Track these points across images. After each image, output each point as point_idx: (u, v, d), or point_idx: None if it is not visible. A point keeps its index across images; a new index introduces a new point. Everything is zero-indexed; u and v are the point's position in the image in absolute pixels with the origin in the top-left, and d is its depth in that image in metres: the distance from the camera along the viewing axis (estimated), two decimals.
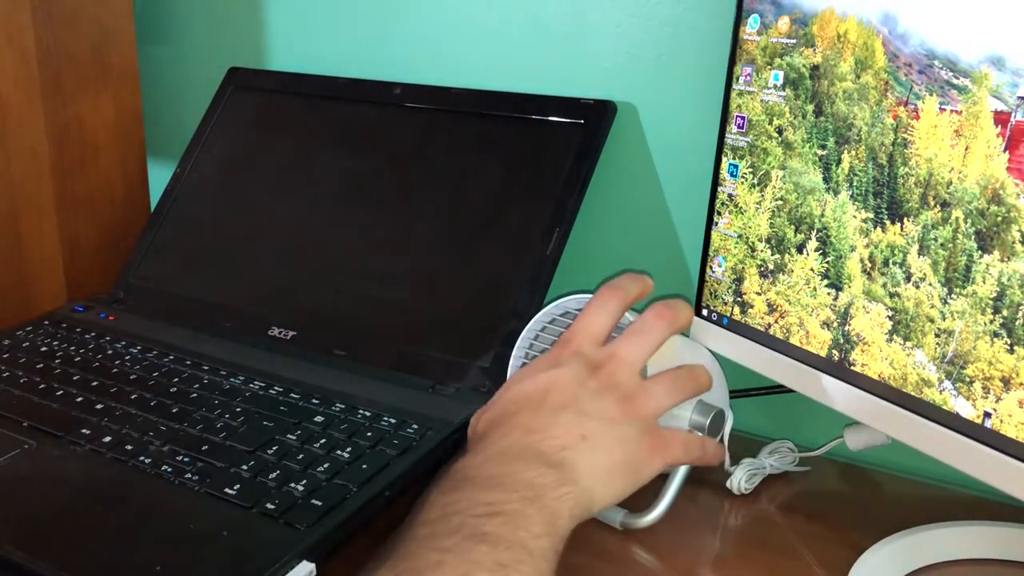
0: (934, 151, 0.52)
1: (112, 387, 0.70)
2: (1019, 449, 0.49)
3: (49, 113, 0.85)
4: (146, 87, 0.95)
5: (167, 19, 1.01)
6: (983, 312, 0.50)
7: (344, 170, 0.84)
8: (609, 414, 0.52)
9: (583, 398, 0.52)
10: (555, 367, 0.54)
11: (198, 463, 0.60)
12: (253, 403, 0.67)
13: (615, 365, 0.54)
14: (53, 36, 0.84)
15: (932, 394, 0.53)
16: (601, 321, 0.57)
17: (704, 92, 0.74)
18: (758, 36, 0.62)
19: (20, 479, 0.60)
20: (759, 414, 0.78)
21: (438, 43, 0.87)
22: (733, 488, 0.67)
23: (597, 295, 0.58)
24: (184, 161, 0.91)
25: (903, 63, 0.53)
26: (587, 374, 0.53)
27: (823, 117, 0.58)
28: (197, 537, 0.54)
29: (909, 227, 0.54)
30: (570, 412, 0.51)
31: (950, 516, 0.62)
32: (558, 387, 0.53)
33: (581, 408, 0.52)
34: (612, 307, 0.58)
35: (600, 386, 0.53)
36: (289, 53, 0.96)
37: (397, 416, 0.65)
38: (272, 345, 0.77)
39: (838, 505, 0.68)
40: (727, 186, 0.66)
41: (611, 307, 0.58)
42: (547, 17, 0.81)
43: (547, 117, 0.78)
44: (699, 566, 0.60)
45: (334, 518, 0.55)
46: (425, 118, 0.83)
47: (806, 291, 0.60)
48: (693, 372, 0.59)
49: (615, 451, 0.52)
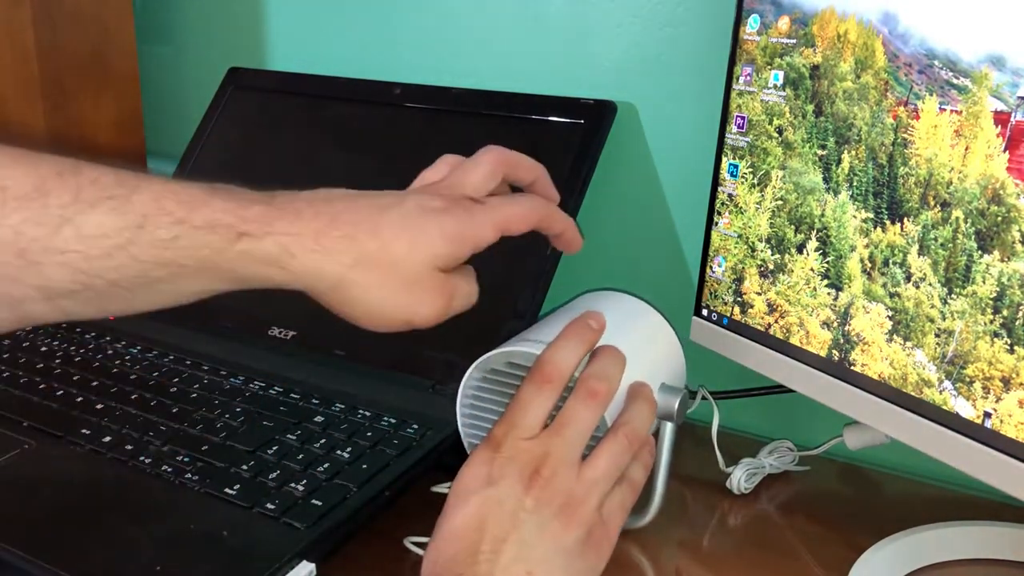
0: (934, 151, 0.52)
1: (112, 387, 0.70)
2: (1019, 449, 0.49)
3: (49, 113, 0.85)
4: (146, 87, 0.95)
5: (167, 19, 1.01)
6: (983, 312, 0.50)
7: (344, 170, 0.84)
8: (552, 533, 0.49)
9: (523, 523, 0.48)
10: (488, 484, 0.49)
11: (198, 463, 0.60)
12: (253, 403, 0.67)
13: (551, 468, 0.49)
14: (53, 36, 0.84)
15: (932, 394, 0.53)
16: (533, 413, 0.51)
17: (704, 92, 0.74)
18: (758, 36, 0.62)
19: (20, 479, 0.60)
20: (759, 414, 0.78)
21: (438, 43, 0.87)
22: (733, 488, 0.67)
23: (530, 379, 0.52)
24: (184, 161, 0.91)
25: (903, 63, 0.53)
26: (523, 489, 0.49)
27: (823, 117, 0.58)
28: (197, 537, 0.54)
29: (909, 227, 0.54)
30: (511, 546, 0.47)
31: (950, 516, 0.62)
32: (494, 515, 0.48)
33: (522, 537, 0.48)
34: (546, 394, 0.52)
35: (538, 501, 0.49)
36: (289, 53, 0.96)
37: (397, 416, 0.65)
38: (272, 345, 0.77)
39: (838, 505, 0.68)
40: (727, 186, 0.66)
41: (545, 394, 0.52)
42: (547, 17, 0.81)
43: (547, 117, 0.78)
44: (698, 566, 0.60)
45: (334, 518, 0.55)
46: (425, 118, 0.83)
47: (806, 291, 0.60)
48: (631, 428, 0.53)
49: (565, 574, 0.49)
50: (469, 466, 0.50)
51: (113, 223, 0.43)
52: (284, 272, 0.47)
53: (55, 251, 0.42)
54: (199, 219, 0.45)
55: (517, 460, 0.50)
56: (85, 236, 0.43)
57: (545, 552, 0.48)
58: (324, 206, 0.48)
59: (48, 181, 0.43)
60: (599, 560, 0.51)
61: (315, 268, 0.47)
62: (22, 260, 0.42)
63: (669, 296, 0.72)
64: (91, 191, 0.43)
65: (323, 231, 0.47)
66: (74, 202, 0.43)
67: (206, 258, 0.45)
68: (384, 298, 0.48)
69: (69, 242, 0.42)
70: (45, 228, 0.42)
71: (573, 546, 0.49)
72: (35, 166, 0.43)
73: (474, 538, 0.48)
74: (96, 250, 0.43)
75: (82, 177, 0.43)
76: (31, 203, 0.42)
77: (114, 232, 0.43)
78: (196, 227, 0.45)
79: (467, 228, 0.50)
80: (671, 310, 0.64)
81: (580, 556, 0.50)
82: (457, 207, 0.50)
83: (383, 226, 0.48)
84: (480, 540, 0.47)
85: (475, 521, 0.48)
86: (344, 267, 0.47)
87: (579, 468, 0.51)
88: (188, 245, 0.45)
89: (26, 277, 0.42)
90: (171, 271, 0.45)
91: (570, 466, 0.51)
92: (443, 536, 0.49)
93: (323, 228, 0.47)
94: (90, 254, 0.43)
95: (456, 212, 0.50)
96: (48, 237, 0.42)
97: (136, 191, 0.44)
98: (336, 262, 0.47)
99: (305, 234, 0.47)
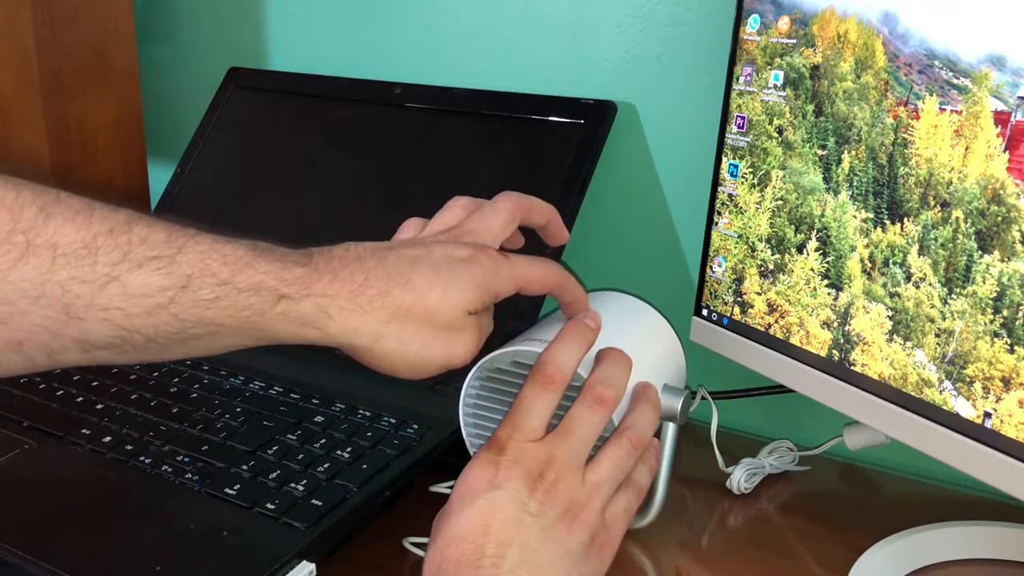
0: (934, 151, 0.52)
1: (112, 387, 0.70)
2: (1019, 449, 0.49)
3: (49, 113, 0.85)
4: (146, 87, 0.95)
5: (167, 19, 1.01)
6: (983, 312, 0.50)
7: (344, 170, 0.84)
8: (556, 538, 0.49)
9: (527, 526, 0.48)
10: (493, 487, 0.49)
11: (198, 463, 0.60)
12: (253, 403, 0.67)
13: (556, 473, 0.50)
14: (53, 36, 0.84)
15: (932, 394, 0.53)
16: (536, 415, 0.51)
17: (704, 92, 0.74)
18: (758, 36, 0.62)
19: (20, 479, 0.60)
20: (759, 414, 0.78)
21: (438, 43, 0.87)
22: (733, 488, 0.67)
23: (532, 381, 0.52)
24: (184, 161, 0.91)
25: (903, 63, 0.53)
26: (527, 492, 0.49)
27: (823, 117, 0.58)
28: (197, 537, 0.54)
29: (909, 227, 0.54)
30: (515, 550, 0.47)
31: (950, 516, 0.62)
32: (498, 519, 0.48)
33: (526, 541, 0.48)
34: (549, 396, 0.52)
35: (542, 504, 0.49)
36: (289, 53, 0.96)
37: (397, 416, 0.65)
38: (272, 345, 0.77)
39: (838, 505, 0.68)
40: (727, 186, 0.66)
41: (548, 396, 0.52)
42: (547, 17, 0.81)
43: (547, 117, 0.78)
44: (698, 566, 0.60)
45: (334, 518, 0.55)
46: (425, 118, 0.83)
47: (806, 291, 0.60)
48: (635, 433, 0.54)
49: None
50: (473, 468, 0.50)
51: (157, 283, 0.43)
52: (320, 332, 0.48)
53: (98, 308, 0.43)
54: (243, 281, 0.45)
55: (522, 463, 0.50)
56: (129, 295, 0.43)
57: (549, 556, 0.49)
58: (357, 265, 0.49)
59: (99, 238, 0.43)
60: (602, 564, 0.51)
61: (352, 327, 0.48)
62: (65, 315, 0.42)
63: (669, 296, 0.72)
64: (140, 250, 0.43)
65: (358, 291, 0.48)
66: (122, 261, 0.43)
67: (246, 319, 0.46)
68: (423, 347, 0.50)
69: (113, 300, 0.43)
70: (91, 286, 0.42)
71: (577, 550, 0.50)
72: (88, 222, 0.43)
73: (479, 541, 0.48)
74: (138, 308, 0.43)
75: (132, 235, 0.44)
76: (80, 260, 0.42)
77: (158, 292, 0.43)
78: (239, 289, 0.45)
79: (493, 280, 0.51)
80: (671, 310, 0.64)
81: (583, 561, 0.50)
82: (484, 257, 0.51)
83: (415, 279, 0.49)
84: (484, 544, 0.48)
85: (480, 524, 0.48)
86: (380, 323, 0.48)
87: (583, 472, 0.51)
88: (229, 306, 0.45)
89: (66, 331, 0.43)
90: (209, 330, 0.45)
91: (575, 471, 0.51)
92: (446, 538, 0.49)
93: (357, 288, 0.48)
94: (132, 312, 0.43)
95: (484, 263, 0.51)
96: (93, 295, 0.42)
97: (183, 250, 0.44)
98: (372, 319, 0.48)
99: (340, 295, 0.48)
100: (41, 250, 0.42)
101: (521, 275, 0.53)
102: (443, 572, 0.47)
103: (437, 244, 0.52)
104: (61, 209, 0.43)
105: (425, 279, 0.49)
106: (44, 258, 0.42)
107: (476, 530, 0.48)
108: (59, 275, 0.42)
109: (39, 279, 0.42)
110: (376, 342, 0.49)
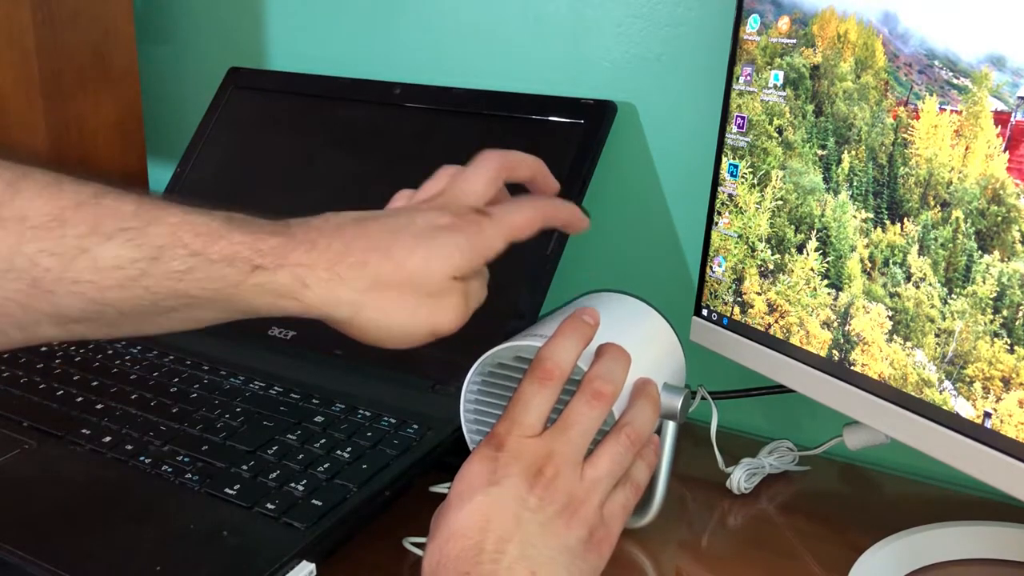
0: (934, 151, 0.52)
1: (112, 387, 0.70)
2: (1019, 449, 0.49)
3: (49, 113, 0.85)
4: (146, 87, 0.95)
5: (167, 19, 1.01)
6: (983, 312, 0.50)
7: (344, 170, 0.84)
8: (554, 533, 0.49)
9: (526, 522, 0.48)
10: (492, 484, 0.49)
11: (198, 463, 0.60)
12: (253, 403, 0.67)
13: (555, 468, 0.50)
14: (53, 36, 0.84)
15: (932, 394, 0.53)
16: (535, 410, 0.51)
17: (704, 92, 0.74)
18: (758, 36, 0.62)
19: (20, 479, 0.60)
20: (759, 414, 0.78)
21: (438, 43, 0.87)
22: (732, 488, 0.67)
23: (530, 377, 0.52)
24: (184, 161, 0.91)
25: (903, 63, 0.53)
26: (526, 489, 0.49)
27: (823, 117, 0.58)
28: (197, 537, 0.54)
29: (909, 227, 0.54)
30: (515, 546, 0.47)
31: (950, 516, 0.62)
32: (498, 515, 0.48)
33: (525, 537, 0.48)
34: (547, 392, 0.52)
35: (541, 500, 0.49)
36: (289, 53, 0.96)
37: (397, 416, 0.65)
38: (272, 345, 0.77)
39: (838, 505, 0.68)
40: (727, 186, 0.66)
41: (546, 392, 0.52)
42: (547, 17, 0.81)
43: (547, 117, 0.78)
44: (698, 566, 0.60)
45: (334, 518, 0.55)
46: (425, 118, 0.83)
47: (806, 291, 0.60)
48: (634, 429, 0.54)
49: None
50: (471, 464, 0.50)
51: (128, 254, 0.43)
52: (299, 303, 0.47)
53: (68, 281, 0.42)
54: (215, 252, 0.45)
55: (521, 459, 0.50)
56: (100, 268, 0.43)
57: (548, 552, 0.49)
58: (335, 233, 0.48)
59: (67, 211, 0.43)
60: (600, 560, 0.51)
61: (331, 297, 0.47)
62: (35, 288, 0.42)
63: (669, 296, 0.72)
64: (109, 222, 0.43)
65: (336, 260, 0.47)
66: (91, 233, 0.43)
67: (220, 290, 0.45)
68: (407, 316, 0.49)
69: (83, 273, 0.42)
70: (60, 258, 0.42)
71: (575, 545, 0.50)
72: (57, 195, 0.43)
73: (478, 537, 0.48)
74: (109, 281, 0.43)
75: (101, 207, 0.43)
76: (49, 233, 0.42)
77: (128, 264, 0.43)
78: (212, 260, 0.45)
79: (478, 242, 0.50)
80: (671, 310, 0.64)
81: (582, 556, 0.50)
82: (466, 223, 0.50)
83: (395, 247, 0.48)
84: (484, 540, 0.48)
85: (479, 520, 0.48)
86: (359, 292, 0.47)
87: (582, 468, 0.51)
88: (202, 277, 0.45)
89: (38, 304, 0.43)
90: (183, 302, 0.45)
91: (573, 466, 0.51)
92: (445, 534, 0.49)
93: (335, 257, 0.47)
94: (103, 284, 0.43)
95: (466, 228, 0.50)
96: (62, 267, 0.42)
97: (153, 222, 0.44)
98: (351, 288, 0.47)
99: (318, 264, 0.47)
100: (9, 223, 0.42)
101: (507, 227, 0.51)
102: (442, 568, 0.47)
103: (419, 212, 0.51)
104: (28, 183, 0.43)
105: (406, 247, 0.48)
106: (11, 231, 0.42)
107: (475, 526, 0.48)
108: (28, 248, 0.42)
109: (7, 251, 0.41)
110: (357, 313, 0.48)
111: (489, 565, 0.47)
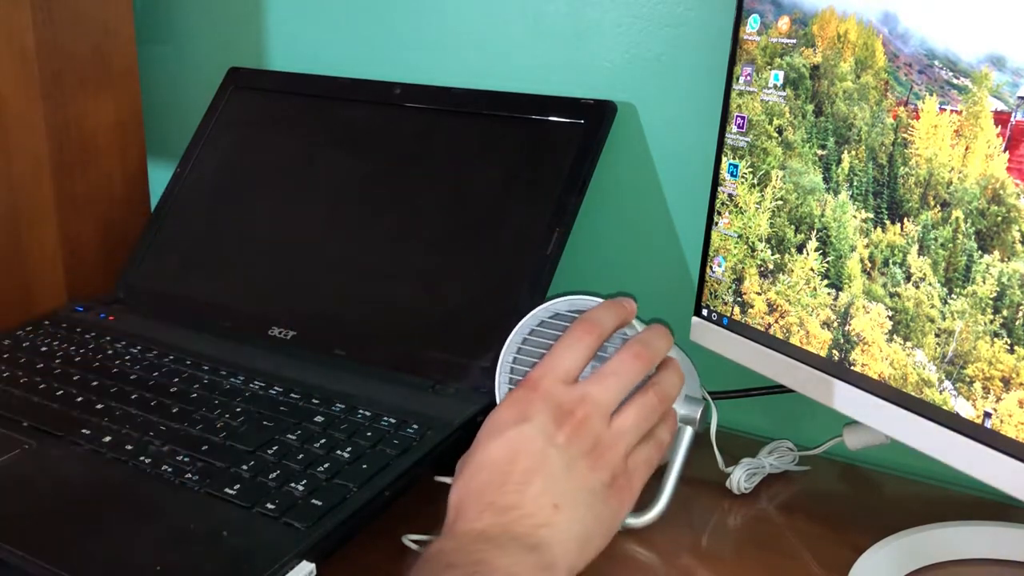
0: (934, 151, 0.52)
1: (112, 387, 0.70)
2: (1019, 449, 0.49)
3: (49, 113, 0.85)
4: (146, 87, 0.95)
5: (167, 19, 1.01)
6: (983, 312, 0.50)
7: (344, 170, 0.84)
8: (579, 472, 0.51)
9: (552, 457, 0.50)
10: (522, 420, 0.51)
11: (198, 463, 0.60)
12: (253, 403, 0.67)
13: (585, 411, 0.52)
14: (53, 36, 0.84)
15: (932, 394, 0.53)
16: (572, 358, 0.54)
17: (704, 92, 0.74)
18: (758, 36, 0.62)
19: (20, 479, 0.60)
20: (759, 414, 0.78)
21: (438, 43, 0.87)
22: (733, 488, 0.67)
23: (571, 330, 0.55)
24: (184, 161, 0.91)
25: (903, 63, 0.53)
26: (555, 426, 0.51)
27: (823, 117, 0.58)
28: (197, 537, 0.54)
29: (909, 227, 0.54)
30: (540, 479, 0.49)
31: (950, 516, 0.62)
32: (526, 449, 0.50)
33: (551, 472, 0.50)
34: (585, 344, 0.54)
35: (569, 439, 0.51)
36: (289, 53, 0.96)
37: (397, 416, 0.65)
38: (272, 345, 0.77)
39: (838, 505, 0.68)
40: (727, 186, 0.66)
41: (585, 344, 0.54)
42: (547, 17, 0.81)
43: (547, 117, 0.78)
44: (699, 565, 0.60)
45: (334, 518, 0.55)
46: (425, 118, 0.83)
47: (806, 291, 0.60)
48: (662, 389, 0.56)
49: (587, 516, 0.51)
50: (505, 403, 0.53)
51: None
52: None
53: None
54: None
55: (552, 400, 0.52)
56: None
57: (572, 488, 0.50)
58: None
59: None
60: (620, 506, 0.53)
61: None
62: None
63: (669, 296, 0.72)
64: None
65: None
66: None
67: None
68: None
69: None
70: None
71: (598, 488, 0.51)
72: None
73: (505, 469, 0.50)
74: None
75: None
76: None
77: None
78: None
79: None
80: (671, 310, 0.64)
81: (603, 500, 0.52)
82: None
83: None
84: (511, 471, 0.50)
85: (507, 453, 0.50)
86: None
87: (610, 418, 0.53)
88: None
89: None
90: None
91: (603, 413, 0.53)
92: (474, 465, 0.51)
93: None
94: None
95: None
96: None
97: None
98: None
99: None
100: None
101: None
102: (467, 499, 0.50)
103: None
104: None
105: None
106: None
107: (503, 458, 0.50)
108: None
109: None
110: None
111: (514, 495, 0.49)
